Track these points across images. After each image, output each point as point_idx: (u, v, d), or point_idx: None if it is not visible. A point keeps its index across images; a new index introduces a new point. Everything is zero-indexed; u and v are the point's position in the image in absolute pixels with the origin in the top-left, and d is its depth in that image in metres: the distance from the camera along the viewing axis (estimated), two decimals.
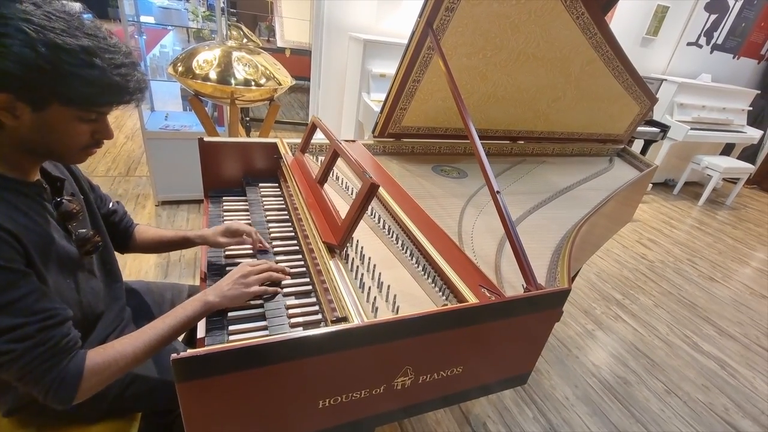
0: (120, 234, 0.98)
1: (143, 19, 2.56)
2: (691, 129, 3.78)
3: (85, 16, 0.64)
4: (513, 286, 0.92)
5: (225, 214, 1.20)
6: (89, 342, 0.82)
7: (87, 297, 0.78)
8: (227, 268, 0.97)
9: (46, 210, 0.70)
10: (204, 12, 3.08)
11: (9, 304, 0.59)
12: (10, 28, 0.54)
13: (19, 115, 0.59)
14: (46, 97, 0.59)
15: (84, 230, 0.78)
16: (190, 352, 0.55)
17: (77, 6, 0.64)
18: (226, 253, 1.02)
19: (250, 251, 1.03)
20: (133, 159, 3.25)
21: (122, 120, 4.01)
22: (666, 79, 3.87)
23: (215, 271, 0.97)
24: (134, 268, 2.05)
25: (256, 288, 0.82)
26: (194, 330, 0.90)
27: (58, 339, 0.63)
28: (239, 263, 0.99)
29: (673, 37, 3.89)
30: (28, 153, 0.66)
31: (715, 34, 4.05)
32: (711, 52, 4.15)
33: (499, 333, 0.81)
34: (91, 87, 0.60)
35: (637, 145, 3.77)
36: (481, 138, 1.05)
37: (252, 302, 0.84)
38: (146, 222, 2.45)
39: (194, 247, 1.06)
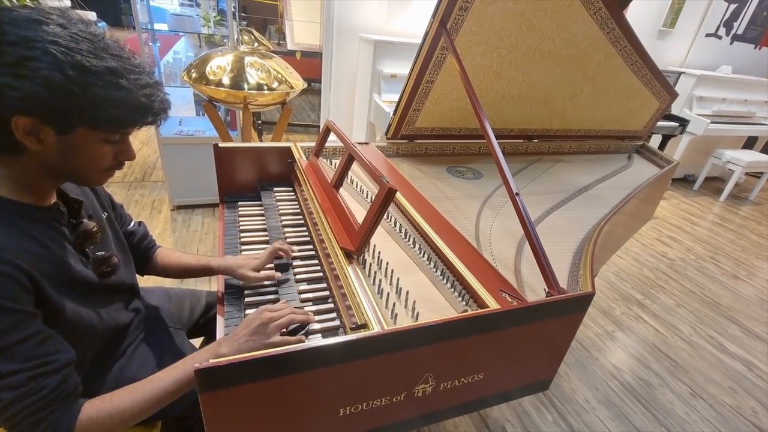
0: (139, 255, 0.95)
1: (156, 26, 2.59)
2: (712, 123, 3.67)
3: (100, 25, 0.63)
4: (534, 290, 0.90)
5: (240, 219, 1.21)
6: (111, 358, 0.83)
7: (108, 316, 0.78)
8: (245, 292, 0.93)
9: (62, 235, 0.68)
10: (215, 17, 3.11)
11: (5, 349, 0.56)
12: (37, 51, 0.53)
13: (43, 139, 0.58)
14: (73, 121, 0.58)
15: (101, 252, 0.76)
16: (212, 362, 0.55)
17: (93, 18, 0.63)
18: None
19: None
20: (148, 164, 3.30)
21: None
22: (684, 72, 3.77)
23: (233, 292, 0.95)
24: None
25: (276, 339, 0.72)
26: (213, 332, 0.90)
27: (52, 387, 0.60)
28: (256, 285, 0.94)
29: (691, 28, 3.79)
30: (48, 176, 0.64)
31: (735, 24, 3.92)
32: (731, 43, 4.02)
33: (521, 339, 0.79)
34: (118, 109, 0.59)
35: (654, 141, 3.68)
36: (496, 137, 1.03)
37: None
38: (162, 227, 2.48)
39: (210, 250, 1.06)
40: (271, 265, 0.97)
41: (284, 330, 0.75)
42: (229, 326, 0.85)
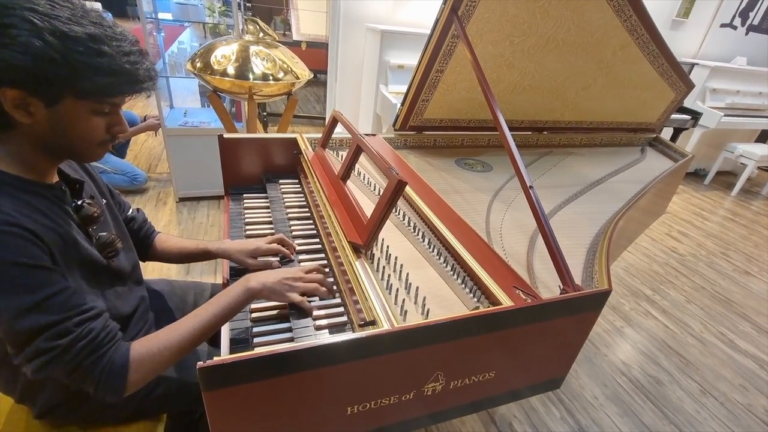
0: (139, 242, 0.95)
1: (161, 15, 2.56)
2: (725, 116, 3.59)
3: (106, 15, 0.62)
4: (548, 286, 0.87)
5: (246, 211, 1.18)
6: None
7: (111, 301, 0.77)
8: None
9: (67, 213, 0.68)
10: (220, 7, 3.07)
11: (44, 301, 0.58)
12: (15, 18, 0.52)
13: (33, 111, 0.58)
14: (59, 90, 0.57)
15: (105, 234, 0.76)
16: (216, 360, 0.53)
17: (98, 9, 0.63)
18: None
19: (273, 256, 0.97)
20: (154, 156, 3.28)
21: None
22: (698, 64, 3.68)
23: (235, 274, 0.94)
24: (156, 265, 2.06)
25: (295, 296, 0.78)
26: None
27: (99, 329, 0.62)
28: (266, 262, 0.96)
29: (706, 18, 3.69)
30: (45, 153, 0.64)
31: (751, 15, 3.82)
32: (746, 34, 3.92)
33: (534, 337, 0.77)
34: (101, 76, 0.58)
35: (665, 134, 3.61)
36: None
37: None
38: (167, 219, 2.47)
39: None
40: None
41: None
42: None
